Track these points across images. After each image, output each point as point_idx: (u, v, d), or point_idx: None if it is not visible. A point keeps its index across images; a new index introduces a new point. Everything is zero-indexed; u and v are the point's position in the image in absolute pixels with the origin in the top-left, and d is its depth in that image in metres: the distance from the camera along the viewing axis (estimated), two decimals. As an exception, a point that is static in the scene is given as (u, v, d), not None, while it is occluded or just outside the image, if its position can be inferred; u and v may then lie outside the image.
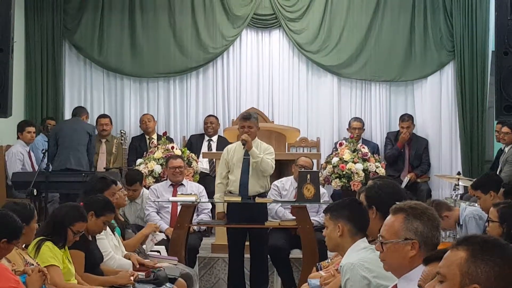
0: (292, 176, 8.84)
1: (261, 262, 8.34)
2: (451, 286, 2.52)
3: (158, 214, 8.85)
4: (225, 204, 8.29)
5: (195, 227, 8.75)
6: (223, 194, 8.19)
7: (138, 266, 6.63)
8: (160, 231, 8.06)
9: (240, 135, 8.25)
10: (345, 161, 10.06)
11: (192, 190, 8.93)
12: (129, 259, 6.64)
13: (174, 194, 8.78)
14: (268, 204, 8.56)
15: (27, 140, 10.45)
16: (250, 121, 8.16)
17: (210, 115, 11.59)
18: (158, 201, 8.84)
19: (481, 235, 2.69)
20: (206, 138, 11.40)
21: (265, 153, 8.15)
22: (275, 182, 8.81)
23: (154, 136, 11.22)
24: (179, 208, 8.44)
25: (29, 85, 11.59)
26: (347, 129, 11.39)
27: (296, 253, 8.57)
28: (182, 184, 9.04)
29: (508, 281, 2.48)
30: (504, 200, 5.80)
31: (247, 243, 8.36)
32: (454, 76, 11.59)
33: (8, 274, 4.36)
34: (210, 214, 9.08)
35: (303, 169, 8.46)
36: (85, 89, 11.91)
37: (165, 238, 8.18)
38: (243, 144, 8.04)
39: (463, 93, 11.47)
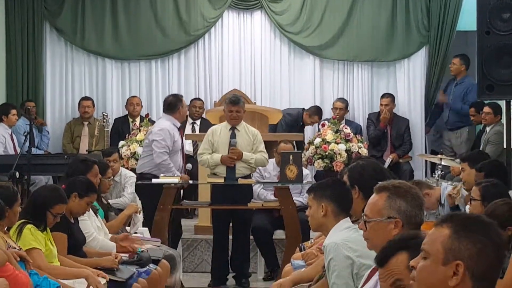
0: (274, 159, 8.82)
1: (244, 244, 8.32)
2: (434, 262, 2.54)
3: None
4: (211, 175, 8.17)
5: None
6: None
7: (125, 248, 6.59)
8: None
9: (228, 119, 8.13)
10: (328, 141, 10.06)
11: None
12: (115, 242, 6.61)
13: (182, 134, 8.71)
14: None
15: (11, 123, 10.37)
16: (239, 105, 8.06)
17: (196, 99, 11.42)
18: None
19: (465, 213, 2.71)
20: (190, 121, 11.28)
21: (255, 144, 8.11)
22: (257, 165, 8.79)
23: (138, 119, 11.15)
24: None
25: (10, 68, 11.48)
26: (332, 109, 11.36)
27: (279, 234, 8.59)
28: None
29: (490, 257, 2.50)
30: (486, 179, 5.81)
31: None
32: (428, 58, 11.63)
33: None
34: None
35: (284, 154, 8.46)
36: (67, 72, 11.79)
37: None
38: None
39: (433, 75, 11.55)
